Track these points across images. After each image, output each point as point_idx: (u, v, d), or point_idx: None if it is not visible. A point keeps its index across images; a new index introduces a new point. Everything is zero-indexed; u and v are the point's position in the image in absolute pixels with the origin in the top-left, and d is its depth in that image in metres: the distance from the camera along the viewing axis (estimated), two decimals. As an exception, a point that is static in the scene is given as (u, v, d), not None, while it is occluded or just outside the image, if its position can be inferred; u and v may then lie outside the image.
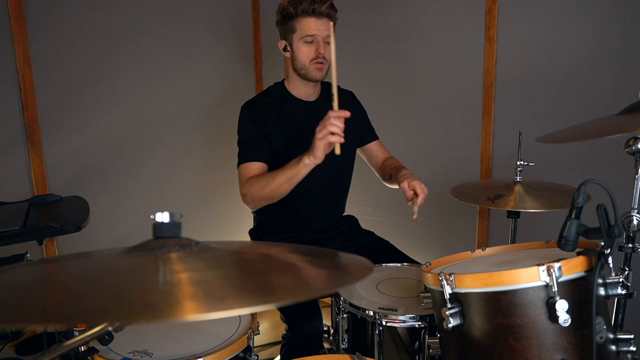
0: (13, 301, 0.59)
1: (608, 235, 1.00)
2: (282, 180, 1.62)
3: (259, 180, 1.70)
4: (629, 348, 1.07)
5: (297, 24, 1.73)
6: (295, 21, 1.73)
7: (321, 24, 1.72)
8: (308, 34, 1.72)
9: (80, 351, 1.15)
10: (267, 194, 1.67)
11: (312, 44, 1.74)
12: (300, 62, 1.76)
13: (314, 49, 1.74)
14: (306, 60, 1.75)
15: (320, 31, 1.72)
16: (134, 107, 2.51)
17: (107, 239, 2.39)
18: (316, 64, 1.75)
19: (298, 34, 1.74)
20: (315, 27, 1.72)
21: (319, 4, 1.70)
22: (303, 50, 1.75)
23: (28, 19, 2.10)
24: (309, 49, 1.74)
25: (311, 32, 1.72)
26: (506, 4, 2.13)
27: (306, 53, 1.75)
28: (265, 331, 2.45)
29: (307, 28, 1.72)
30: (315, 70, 1.76)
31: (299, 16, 1.72)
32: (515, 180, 1.71)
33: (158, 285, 0.62)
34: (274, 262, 0.78)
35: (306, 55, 1.75)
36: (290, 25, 1.75)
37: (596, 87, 1.92)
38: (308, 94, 1.86)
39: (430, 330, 1.40)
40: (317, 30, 1.72)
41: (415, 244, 2.57)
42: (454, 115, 2.40)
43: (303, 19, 1.72)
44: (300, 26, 1.73)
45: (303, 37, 1.73)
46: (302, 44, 1.74)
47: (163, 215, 0.72)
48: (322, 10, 1.71)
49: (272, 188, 1.65)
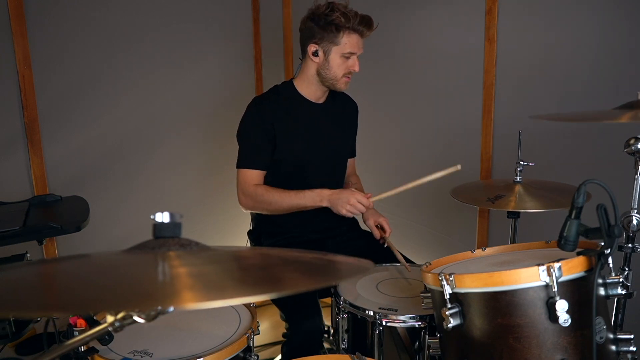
0: (12, 293, 0.60)
1: (608, 235, 1.00)
2: (292, 206, 1.74)
3: (268, 196, 1.75)
4: (629, 348, 1.07)
5: (343, 37, 1.71)
6: (342, 34, 1.71)
7: (362, 43, 1.75)
8: (351, 51, 1.73)
9: (80, 351, 1.15)
10: (271, 210, 1.79)
11: (349, 59, 1.75)
12: (332, 73, 1.77)
13: (349, 64, 1.75)
14: (339, 74, 1.76)
15: (360, 49, 1.75)
16: (134, 107, 2.51)
17: (107, 239, 2.39)
18: (347, 78, 1.79)
19: (341, 47, 1.72)
20: (359, 46, 1.74)
21: (367, 23, 1.72)
22: (339, 63, 1.75)
23: (28, 19, 2.10)
24: (346, 64, 1.75)
25: (355, 51, 1.74)
26: (506, 4, 2.12)
27: (342, 67, 1.75)
28: (265, 331, 2.45)
29: (352, 45, 1.72)
30: (344, 83, 1.80)
31: (348, 30, 1.71)
32: (515, 180, 1.71)
33: (157, 277, 0.62)
34: (273, 259, 0.79)
35: (341, 69, 1.76)
36: (334, 35, 1.72)
37: (596, 87, 1.92)
38: (318, 97, 1.87)
39: (430, 330, 1.40)
40: (359, 49, 1.75)
41: (415, 244, 2.57)
42: (454, 115, 2.40)
43: (351, 34, 1.71)
44: (346, 41, 1.72)
45: (345, 52, 1.73)
46: (341, 57, 1.74)
47: (163, 215, 0.72)
48: (371, 30, 1.74)
49: (279, 208, 1.76)
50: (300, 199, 1.72)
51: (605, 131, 1.86)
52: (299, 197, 1.72)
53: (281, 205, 1.73)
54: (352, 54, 1.74)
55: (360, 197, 1.69)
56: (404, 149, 2.66)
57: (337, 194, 1.71)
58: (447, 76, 2.39)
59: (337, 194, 1.71)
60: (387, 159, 2.71)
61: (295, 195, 1.72)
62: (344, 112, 1.98)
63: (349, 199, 1.68)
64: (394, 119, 2.63)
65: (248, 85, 2.99)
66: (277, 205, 1.74)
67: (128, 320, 0.66)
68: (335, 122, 1.91)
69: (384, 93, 2.66)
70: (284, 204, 1.73)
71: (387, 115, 2.66)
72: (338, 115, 1.93)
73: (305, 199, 1.72)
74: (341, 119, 1.95)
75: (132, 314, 0.65)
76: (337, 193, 1.71)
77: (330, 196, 1.71)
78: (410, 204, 2.59)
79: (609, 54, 1.88)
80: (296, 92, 1.85)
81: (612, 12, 1.87)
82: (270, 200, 1.74)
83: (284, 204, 1.73)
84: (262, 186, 1.78)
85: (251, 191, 1.76)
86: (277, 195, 1.73)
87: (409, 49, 2.53)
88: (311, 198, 1.72)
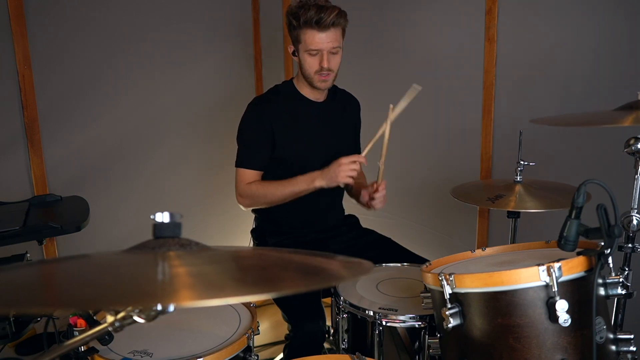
0: (12, 291, 0.60)
1: (608, 235, 1.00)
2: (286, 194, 1.71)
3: (262, 189, 1.74)
4: (629, 348, 1.07)
5: (301, 35, 1.68)
6: (299, 32, 1.68)
7: (326, 37, 1.65)
8: (313, 48, 1.67)
9: (80, 351, 1.15)
10: (268, 203, 1.77)
11: (317, 56, 1.69)
12: (305, 72, 1.75)
13: (317, 61, 1.70)
14: (311, 71, 1.73)
15: (324, 44, 1.66)
16: (134, 107, 2.51)
17: (107, 239, 2.39)
18: (320, 76, 1.72)
19: (303, 45, 1.69)
20: (319, 41, 1.66)
21: (324, 14, 1.62)
22: (308, 61, 1.71)
23: (28, 19, 2.10)
24: (314, 60, 1.70)
25: (315, 47, 1.67)
26: (506, 4, 2.12)
27: (311, 64, 1.71)
28: (265, 331, 2.45)
29: (310, 41, 1.66)
30: (320, 81, 1.75)
31: (302, 28, 1.66)
32: (516, 180, 1.71)
33: (156, 276, 0.62)
34: (273, 259, 0.79)
35: (311, 67, 1.72)
36: (296, 35, 1.70)
37: (596, 87, 1.92)
38: (317, 95, 1.86)
39: (430, 330, 1.40)
40: (321, 44, 1.66)
41: (415, 244, 2.56)
42: (454, 115, 2.40)
43: (307, 31, 1.65)
44: (304, 38, 1.67)
45: (308, 49, 1.68)
46: (307, 55, 1.70)
47: (163, 215, 0.72)
48: (327, 22, 1.63)
49: (275, 199, 1.74)
50: (293, 185, 1.70)
51: (605, 131, 1.86)
52: (292, 183, 1.70)
53: (277, 195, 1.72)
54: (317, 50, 1.68)
55: (350, 157, 1.64)
56: (403, 148, 2.65)
57: (327, 172, 1.65)
58: (447, 76, 2.39)
59: (327, 172, 1.65)
60: (387, 159, 2.70)
61: (288, 183, 1.70)
62: (345, 110, 1.97)
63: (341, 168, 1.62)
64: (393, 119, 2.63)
65: (248, 85, 2.99)
66: (274, 197, 1.73)
67: (128, 320, 0.66)
68: (335, 120, 1.91)
69: (384, 93, 2.64)
70: (279, 193, 1.72)
71: (386, 115, 2.66)
72: (339, 113, 1.93)
73: (299, 184, 1.69)
74: (342, 117, 1.95)
75: (132, 314, 0.65)
76: (327, 171, 1.65)
77: (322, 174, 1.66)
78: (410, 204, 2.59)
79: (609, 54, 1.88)
80: (296, 91, 1.85)
81: (612, 12, 1.87)
82: (266, 193, 1.74)
83: (279, 193, 1.72)
84: (255, 182, 1.77)
85: (246, 189, 1.77)
86: (272, 187, 1.73)
87: (409, 49, 2.52)
88: (304, 182, 1.68)
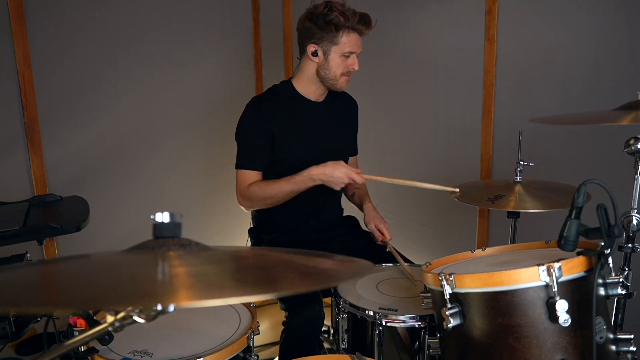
0: (13, 291, 0.60)
1: (608, 235, 1.00)
2: (286, 193, 1.71)
3: (262, 190, 1.74)
4: (629, 348, 1.07)
5: (343, 37, 1.71)
6: (341, 33, 1.70)
7: (361, 42, 1.75)
8: (351, 51, 1.72)
9: (80, 351, 1.15)
10: (269, 204, 1.76)
11: (349, 58, 1.74)
12: (332, 73, 1.76)
13: (349, 63, 1.75)
14: (338, 73, 1.76)
15: (359, 47, 1.74)
16: (134, 107, 2.51)
17: (107, 239, 2.39)
18: (346, 77, 1.78)
19: (340, 47, 1.72)
20: (358, 45, 1.73)
21: (366, 19, 1.71)
22: (338, 63, 1.74)
23: (28, 19, 2.10)
24: (345, 63, 1.74)
25: (354, 50, 1.73)
26: (506, 4, 2.12)
27: (341, 66, 1.75)
28: (265, 331, 2.45)
29: (351, 44, 1.72)
30: (344, 82, 1.80)
31: (347, 30, 1.70)
32: (515, 180, 1.71)
33: (156, 276, 0.62)
34: (273, 259, 0.79)
35: (340, 69, 1.75)
36: (333, 35, 1.71)
37: (596, 87, 1.92)
38: (317, 96, 1.86)
39: (430, 330, 1.40)
40: (358, 47, 1.74)
41: (415, 244, 2.57)
42: (454, 115, 2.40)
43: (350, 34, 1.71)
44: (345, 40, 1.71)
45: (345, 51, 1.72)
46: (340, 56, 1.73)
47: (163, 215, 0.72)
48: (370, 28, 1.73)
49: (275, 200, 1.74)
50: (291, 184, 1.70)
51: (605, 131, 1.86)
52: (290, 183, 1.70)
53: (276, 196, 1.72)
54: (352, 53, 1.73)
55: (353, 176, 1.66)
56: (404, 148, 2.66)
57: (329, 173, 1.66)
58: (447, 76, 2.39)
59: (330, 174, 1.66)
60: (387, 159, 2.71)
61: (286, 183, 1.70)
62: (344, 111, 1.98)
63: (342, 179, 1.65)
64: (394, 119, 2.63)
65: (248, 85, 2.99)
66: (274, 198, 1.73)
67: (128, 320, 0.66)
68: (335, 120, 1.91)
69: (384, 93, 2.66)
70: (279, 194, 1.72)
71: (387, 115, 2.66)
72: (338, 113, 1.93)
73: (297, 183, 1.69)
74: (341, 117, 1.95)
75: (132, 314, 0.65)
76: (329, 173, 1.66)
77: (321, 176, 1.67)
78: (410, 204, 2.59)
79: (609, 54, 1.88)
80: (295, 91, 1.85)
81: (612, 12, 1.87)
82: (265, 195, 1.74)
83: (278, 194, 1.72)
84: (255, 183, 1.77)
85: (246, 191, 1.77)
86: (270, 188, 1.73)
87: (409, 49, 2.53)
88: (302, 181, 1.68)
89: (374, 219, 1.90)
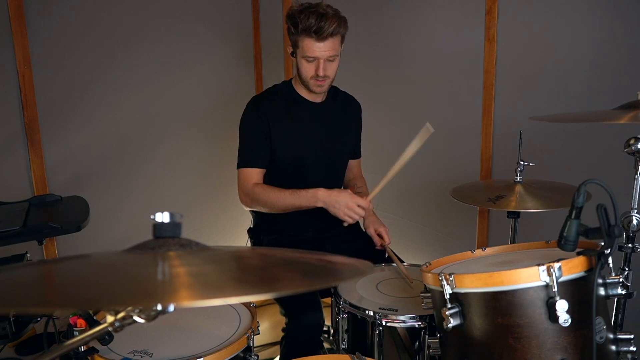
0: (13, 291, 0.60)
1: (608, 235, 1.00)
2: (287, 206, 1.70)
3: (265, 196, 1.73)
4: (629, 348, 1.07)
5: (299, 41, 1.68)
6: (297, 38, 1.68)
7: (323, 46, 1.66)
8: (310, 55, 1.68)
9: (80, 351, 1.15)
10: (268, 210, 1.76)
11: (313, 62, 1.70)
12: (302, 75, 1.75)
13: (314, 67, 1.71)
14: (308, 76, 1.74)
15: (322, 53, 1.67)
16: (134, 107, 2.51)
17: (107, 239, 2.39)
18: (316, 81, 1.74)
19: (301, 50, 1.69)
20: (317, 49, 1.66)
21: (324, 23, 1.61)
22: (304, 66, 1.72)
23: (28, 19, 2.10)
24: (310, 66, 1.71)
25: (311, 55, 1.68)
26: (506, 4, 2.12)
27: (307, 70, 1.72)
28: (265, 331, 2.45)
29: (308, 49, 1.67)
30: (315, 86, 1.76)
31: (300, 34, 1.66)
32: (516, 180, 1.71)
33: (156, 276, 0.62)
34: (273, 259, 0.79)
35: (307, 72, 1.73)
36: (294, 40, 1.70)
37: (596, 87, 1.92)
38: (315, 96, 1.86)
39: (430, 330, 1.40)
40: (319, 52, 1.66)
41: (415, 244, 2.57)
42: (454, 115, 2.40)
43: (305, 38, 1.66)
44: (301, 45, 1.68)
45: (305, 55, 1.69)
46: (304, 60, 1.71)
47: (163, 215, 0.72)
48: (326, 33, 1.63)
49: (276, 209, 1.73)
50: (295, 199, 1.68)
51: (605, 131, 1.86)
52: (294, 197, 1.68)
53: (277, 205, 1.72)
54: (314, 57, 1.68)
55: (359, 201, 1.62)
56: (403, 148, 2.65)
57: (334, 197, 1.63)
58: (447, 76, 2.39)
59: (335, 197, 1.63)
60: (387, 159, 2.70)
61: (290, 196, 1.69)
62: (345, 112, 1.97)
63: (347, 203, 1.61)
64: (393, 119, 2.63)
65: (248, 85, 2.99)
66: (274, 205, 1.72)
67: (128, 320, 0.66)
68: (334, 121, 1.91)
69: (384, 93, 2.66)
70: (280, 204, 1.71)
71: (386, 115, 2.66)
72: (338, 114, 1.93)
73: (300, 199, 1.67)
74: (341, 118, 1.95)
75: (132, 314, 0.65)
76: (335, 195, 1.64)
77: (325, 198, 1.64)
78: (410, 204, 2.59)
79: (609, 54, 1.88)
80: (294, 91, 1.85)
81: (612, 12, 1.87)
82: (266, 201, 1.73)
83: (279, 204, 1.71)
84: (260, 185, 1.76)
85: (250, 190, 1.76)
86: (273, 196, 1.72)
87: (409, 49, 2.52)
88: (306, 199, 1.67)
89: (374, 223, 1.89)
